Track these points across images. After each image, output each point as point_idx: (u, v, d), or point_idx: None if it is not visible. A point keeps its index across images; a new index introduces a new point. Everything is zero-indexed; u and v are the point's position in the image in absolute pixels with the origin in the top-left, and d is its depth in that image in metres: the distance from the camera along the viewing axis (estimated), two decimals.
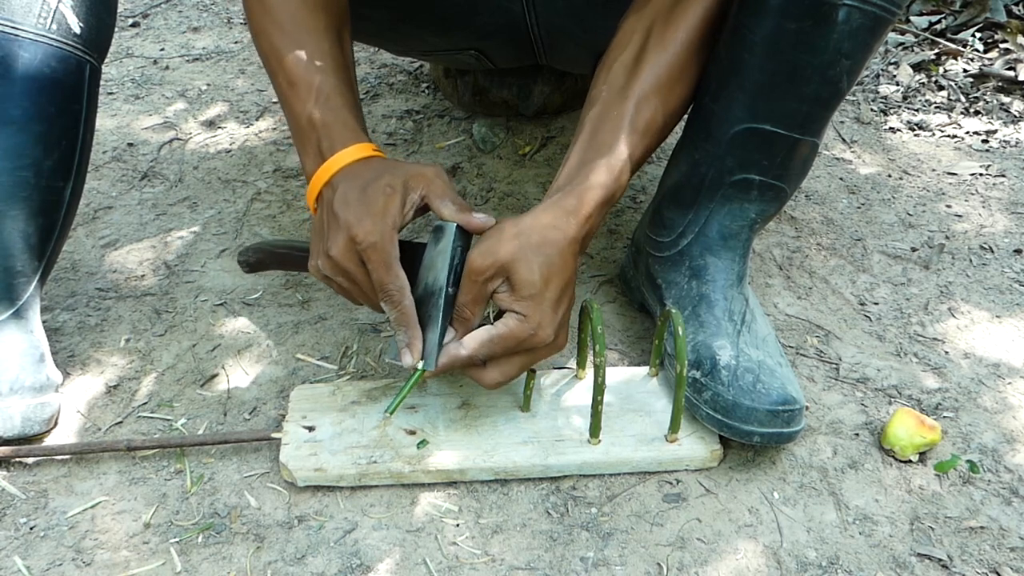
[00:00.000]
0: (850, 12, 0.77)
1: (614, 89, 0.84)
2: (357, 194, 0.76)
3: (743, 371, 0.82)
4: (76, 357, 0.97)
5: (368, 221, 0.75)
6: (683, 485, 0.82)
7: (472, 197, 1.23)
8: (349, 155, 0.80)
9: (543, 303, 0.76)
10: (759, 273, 1.09)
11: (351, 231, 0.75)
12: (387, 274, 0.76)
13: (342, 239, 0.76)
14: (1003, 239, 1.16)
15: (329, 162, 0.80)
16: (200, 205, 1.23)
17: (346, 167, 0.80)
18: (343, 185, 0.78)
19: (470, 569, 0.75)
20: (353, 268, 0.77)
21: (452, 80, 1.40)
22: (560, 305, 0.77)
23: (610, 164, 0.81)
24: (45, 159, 0.87)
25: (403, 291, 0.77)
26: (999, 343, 0.99)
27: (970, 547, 0.76)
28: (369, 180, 0.77)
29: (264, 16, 0.85)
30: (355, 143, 0.81)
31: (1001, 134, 1.41)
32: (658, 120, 0.84)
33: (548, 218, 0.78)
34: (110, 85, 1.55)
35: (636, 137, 0.83)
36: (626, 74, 0.84)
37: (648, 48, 0.84)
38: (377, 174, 0.78)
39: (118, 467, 0.84)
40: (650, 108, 0.83)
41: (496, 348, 0.77)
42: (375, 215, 0.75)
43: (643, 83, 0.84)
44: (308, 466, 0.80)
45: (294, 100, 0.83)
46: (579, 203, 0.79)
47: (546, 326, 0.76)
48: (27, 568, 0.75)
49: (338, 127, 0.81)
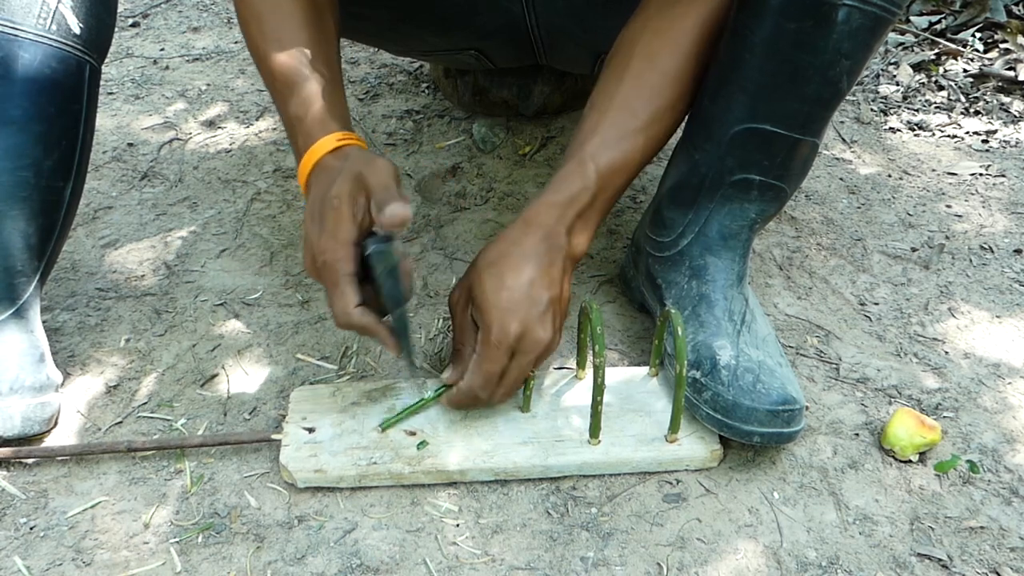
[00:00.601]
0: (850, 12, 0.77)
1: (607, 95, 0.85)
2: (317, 206, 0.77)
3: (743, 371, 0.82)
4: (76, 357, 0.97)
5: (323, 239, 0.75)
6: (683, 485, 0.82)
7: (472, 197, 1.24)
8: (320, 149, 0.80)
9: (502, 306, 0.79)
10: (759, 273, 1.09)
11: (312, 250, 0.76)
12: (333, 293, 0.76)
13: (308, 258, 0.77)
14: (1003, 239, 1.16)
15: (304, 160, 0.80)
16: (200, 205, 1.23)
17: (317, 163, 0.79)
18: (312, 191, 0.78)
19: (470, 569, 0.75)
20: (325, 285, 0.78)
21: (452, 80, 1.40)
22: (532, 302, 0.79)
23: (598, 162, 0.83)
24: (45, 159, 0.87)
25: (347, 309, 0.75)
26: (999, 343, 0.99)
27: (970, 547, 0.76)
28: (325, 188, 0.77)
29: (245, 8, 0.86)
30: (322, 135, 0.80)
31: (1001, 134, 1.41)
32: (655, 127, 0.85)
33: (525, 216, 0.83)
34: (110, 85, 1.55)
35: (627, 140, 0.84)
36: (618, 81, 0.85)
37: (634, 56, 0.85)
38: (331, 180, 0.77)
39: (118, 467, 0.84)
40: (647, 114, 0.84)
41: (482, 370, 0.79)
42: (327, 232, 0.75)
43: (639, 91, 0.84)
44: (308, 467, 0.80)
45: (277, 97, 0.84)
46: (560, 199, 0.82)
47: (512, 326, 0.78)
48: (27, 568, 0.75)
49: (309, 119, 0.81)
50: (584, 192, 0.83)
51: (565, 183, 0.83)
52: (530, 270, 0.80)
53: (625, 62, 0.85)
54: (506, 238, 0.82)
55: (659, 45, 0.85)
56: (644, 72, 0.85)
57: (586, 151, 0.84)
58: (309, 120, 0.81)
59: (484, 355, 0.79)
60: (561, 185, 0.83)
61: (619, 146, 0.84)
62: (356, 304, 0.76)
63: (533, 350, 0.79)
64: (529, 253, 0.80)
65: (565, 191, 0.83)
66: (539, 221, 0.82)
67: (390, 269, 0.75)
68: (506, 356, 0.79)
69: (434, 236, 1.16)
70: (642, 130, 0.85)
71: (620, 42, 0.88)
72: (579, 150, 0.84)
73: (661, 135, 0.87)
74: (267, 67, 0.84)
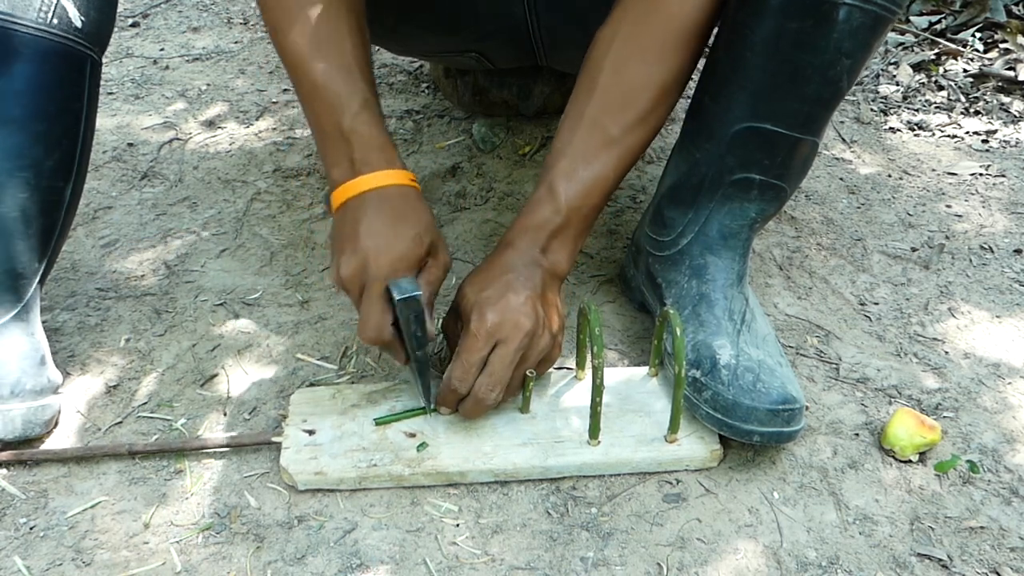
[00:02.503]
0: (850, 11, 0.77)
1: (577, 112, 0.85)
2: (386, 228, 0.78)
3: (743, 370, 0.82)
4: (76, 357, 0.97)
5: (386, 258, 0.77)
6: (683, 485, 0.82)
7: (472, 197, 1.23)
8: (385, 178, 0.80)
9: (478, 305, 0.80)
10: (759, 273, 1.09)
11: (366, 260, 0.77)
12: (375, 305, 0.78)
13: (355, 264, 0.78)
14: (1003, 239, 1.16)
15: (363, 178, 0.80)
16: (200, 205, 1.23)
17: (380, 189, 0.80)
18: (374, 210, 0.79)
19: (470, 569, 0.75)
20: (355, 295, 0.80)
21: (452, 80, 1.40)
22: (512, 297, 0.80)
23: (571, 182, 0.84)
24: (46, 159, 0.87)
25: (384, 326, 0.79)
26: (999, 343, 0.99)
27: (970, 547, 0.76)
28: (400, 217, 0.79)
29: (279, 12, 0.83)
30: (392, 167, 0.81)
31: (1001, 134, 1.41)
32: (629, 139, 0.85)
33: (504, 239, 0.85)
34: (110, 85, 1.55)
35: (609, 155, 0.85)
36: (588, 94, 0.85)
37: (615, 65, 0.84)
38: (409, 217, 0.79)
39: (118, 467, 0.84)
40: (618, 128, 0.84)
41: (464, 367, 0.79)
42: (395, 257, 0.77)
43: (608, 105, 0.84)
44: (308, 470, 0.80)
45: (318, 105, 0.82)
46: (531, 219, 0.85)
47: (488, 318, 0.78)
48: (27, 568, 0.75)
49: (373, 144, 0.81)
50: (555, 216, 0.84)
51: (536, 208, 0.85)
52: (509, 276, 0.81)
53: (594, 74, 0.85)
54: (487, 260, 0.85)
55: (628, 53, 0.84)
56: (612, 85, 0.84)
57: (554, 174, 0.85)
58: (371, 140, 0.81)
59: (463, 345, 0.80)
60: (532, 209, 0.85)
61: (589, 167, 0.84)
62: (392, 322, 0.79)
63: (514, 337, 0.79)
64: (508, 266, 0.82)
65: (536, 216, 0.85)
66: (515, 244, 0.84)
67: (416, 315, 0.79)
68: (486, 344, 0.79)
69: None
70: (615, 143, 0.84)
71: (592, 49, 0.87)
72: (548, 173, 0.85)
73: (636, 146, 0.86)
74: (307, 72, 0.81)
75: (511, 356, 0.79)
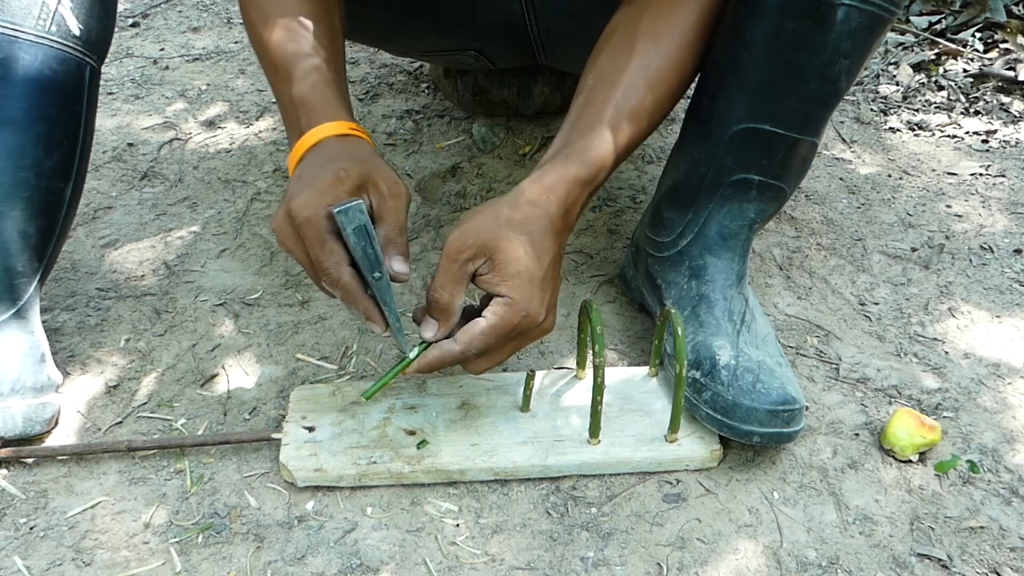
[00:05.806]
0: (849, 11, 0.77)
1: (601, 77, 0.83)
2: (311, 169, 0.74)
3: (743, 371, 0.82)
4: (76, 357, 0.97)
5: (306, 194, 0.72)
6: (683, 485, 0.82)
7: (472, 197, 1.24)
8: (327, 130, 0.77)
9: (530, 282, 0.74)
10: (759, 273, 1.09)
11: (289, 203, 0.73)
12: (320, 249, 0.71)
13: (281, 210, 0.74)
14: (1003, 239, 1.16)
15: (306, 135, 0.78)
16: (200, 205, 1.23)
17: (322, 141, 0.77)
18: (308, 158, 0.76)
19: (470, 569, 0.75)
20: (291, 243, 0.74)
21: (452, 80, 1.40)
22: (547, 284, 0.76)
23: (592, 145, 0.80)
24: (46, 160, 0.87)
25: (339, 267, 0.72)
26: (999, 343, 0.99)
27: (970, 547, 0.76)
28: (330, 159, 0.74)
29: (250, 3, 0.85)
30: (334, 119, 0.78)
31: (1001, 134, 1.41)
32: (645, 107, 0.82)
33: (528, 196, 0.77)
34: (110, 85, 1.55)
35: (622, 122, 0.81)
36: (614, 63, 0.83)
37: (638, 39, 0.83)
38: (341, 156, 0.75)
39: (118, 467, 0.84)
40: (637, 96, 0.82)
41: (490, 340, 0.75)
42: (315, 190, 0.72)
43: (631, 72, 0.82)
44: (308, 467, 0.80)
45: (278, 82, 0.82)
46: (558, 180, 0.78)
47: (535, 306, 0.74)
48: (27, 568, 0.75)
49: (317, 101, 0.79)
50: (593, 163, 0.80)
51: (543, 163, 0.80)
52: (554, 244, 0.76)
53: (625, 42, 0.83)
54: (521, 200, 0.77)
55: (659, 26, 0.83)
56: (641, 51, 0.83)
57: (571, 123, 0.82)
58: (315, 101, 0.79)
59: (503, 330, 0.74)
60: (570, 155, 0.80)
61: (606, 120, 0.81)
62: (349, 262, 0.72)
63: (538, 336, 0.76)
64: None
65: (575, 160, 0.79)
66: (557, 187, 0.78)
67: (360, 227, 0.71)
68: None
69: (434, 236, 1.16)
70: (628, 116, 0.82)
71: (612, 24, 0.86)
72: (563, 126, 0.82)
73: (657, 116, 0.84)
74: (270, 54, 0.82)
75: (520, 348, 0.77)
